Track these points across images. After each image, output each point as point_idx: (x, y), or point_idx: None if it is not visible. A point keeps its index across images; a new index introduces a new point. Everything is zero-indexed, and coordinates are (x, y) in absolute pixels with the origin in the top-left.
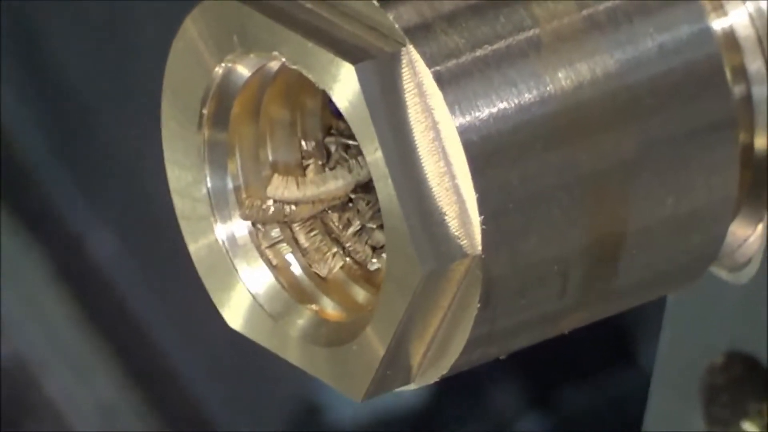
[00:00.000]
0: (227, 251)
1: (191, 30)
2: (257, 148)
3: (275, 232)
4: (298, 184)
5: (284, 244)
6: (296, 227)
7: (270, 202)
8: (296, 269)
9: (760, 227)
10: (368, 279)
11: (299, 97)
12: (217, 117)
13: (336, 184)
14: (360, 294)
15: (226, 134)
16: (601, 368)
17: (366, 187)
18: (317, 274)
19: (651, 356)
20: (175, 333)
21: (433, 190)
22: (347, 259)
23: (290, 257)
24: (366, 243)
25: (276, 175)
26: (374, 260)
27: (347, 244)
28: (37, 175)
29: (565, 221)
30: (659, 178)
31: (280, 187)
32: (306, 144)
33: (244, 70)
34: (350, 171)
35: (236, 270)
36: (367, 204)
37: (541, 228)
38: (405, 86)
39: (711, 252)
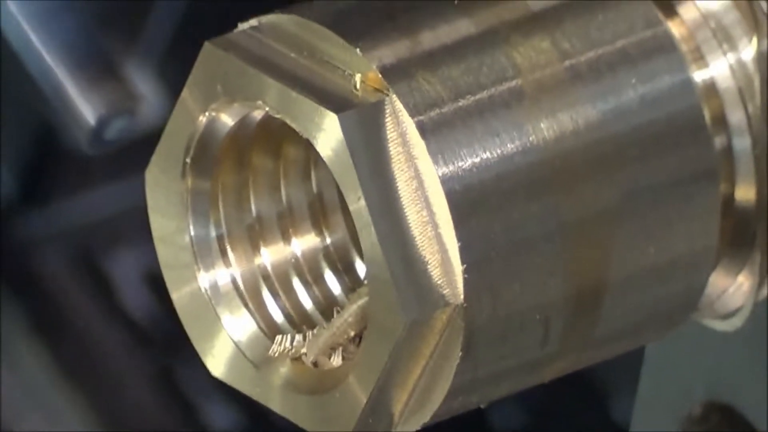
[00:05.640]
0: (210, 299)
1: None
2: (240, 197)
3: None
4: (305, 338)
5: (266, 293)
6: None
7: (258, 260)
8: (278, 317)
9: (740, 278)
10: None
11: (282, 146)
12: (201, 165)
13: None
14: None
15: (209, 183)
16: (576, 419)
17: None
18: (298, 323)
19: (626, 409)
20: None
21: (416, 239)
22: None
23: (272, 306)
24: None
25: (278, 338)
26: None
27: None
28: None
29: (547, 270)
30: (640, 228)
31: (286, 345)
32: (288, 197)
33: (227, 119)
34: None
35: (219, 318)
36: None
37: (523, 276)
38: (388, 136)
39: (691, 301)
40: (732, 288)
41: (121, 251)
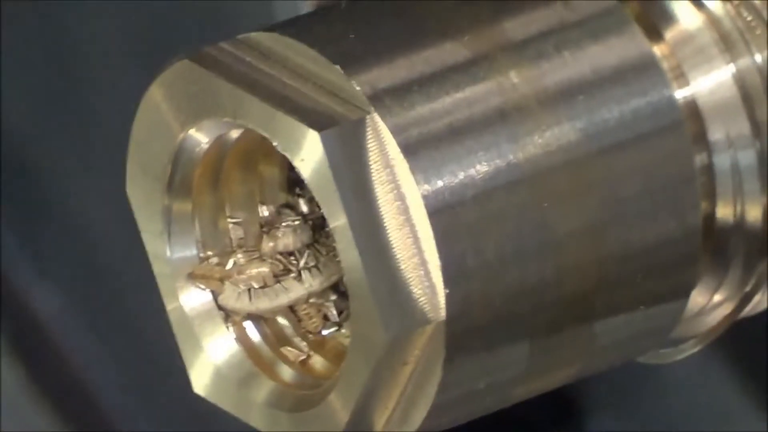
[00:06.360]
0: (191, 317)
1: (157, 95)
2: (217, 216)
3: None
4: (250, 297)
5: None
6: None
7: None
8: (255, 336)
9: (717, 296)
10: (322, 346)
11: (258, 166)
12: (180, 184)
13: (288, 297)
14: (318, 362)
15: (188, 201)
16: None
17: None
18: (274, 342)
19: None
20: (127, 395)
21: (398, 256)
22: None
23: (248, 324)
24: (319, 311)
25: (228, 284)
26: (325, 331)
27: (301, 309)
28: None
29: (530, 288)
30: (625, 244)
31: (231, 298)
32: (265, 212)
33: (205, 137)
34: (303, 282)
35: (199, 336)
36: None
37: (505, 294)
38: (370, 154)
39: (674, 317)
40: (708, 306)
41: None
